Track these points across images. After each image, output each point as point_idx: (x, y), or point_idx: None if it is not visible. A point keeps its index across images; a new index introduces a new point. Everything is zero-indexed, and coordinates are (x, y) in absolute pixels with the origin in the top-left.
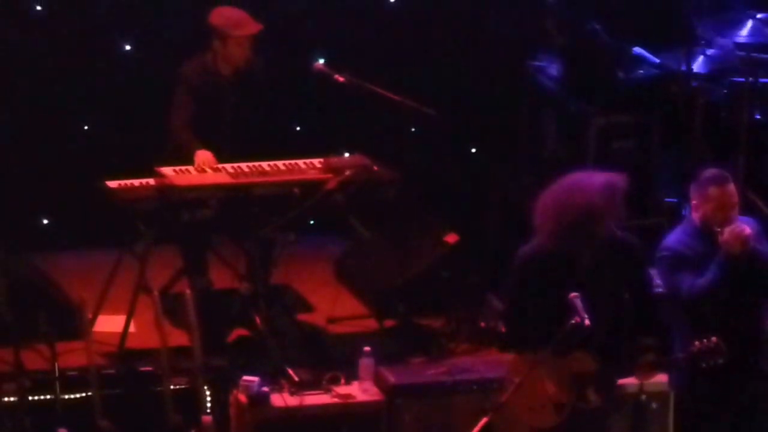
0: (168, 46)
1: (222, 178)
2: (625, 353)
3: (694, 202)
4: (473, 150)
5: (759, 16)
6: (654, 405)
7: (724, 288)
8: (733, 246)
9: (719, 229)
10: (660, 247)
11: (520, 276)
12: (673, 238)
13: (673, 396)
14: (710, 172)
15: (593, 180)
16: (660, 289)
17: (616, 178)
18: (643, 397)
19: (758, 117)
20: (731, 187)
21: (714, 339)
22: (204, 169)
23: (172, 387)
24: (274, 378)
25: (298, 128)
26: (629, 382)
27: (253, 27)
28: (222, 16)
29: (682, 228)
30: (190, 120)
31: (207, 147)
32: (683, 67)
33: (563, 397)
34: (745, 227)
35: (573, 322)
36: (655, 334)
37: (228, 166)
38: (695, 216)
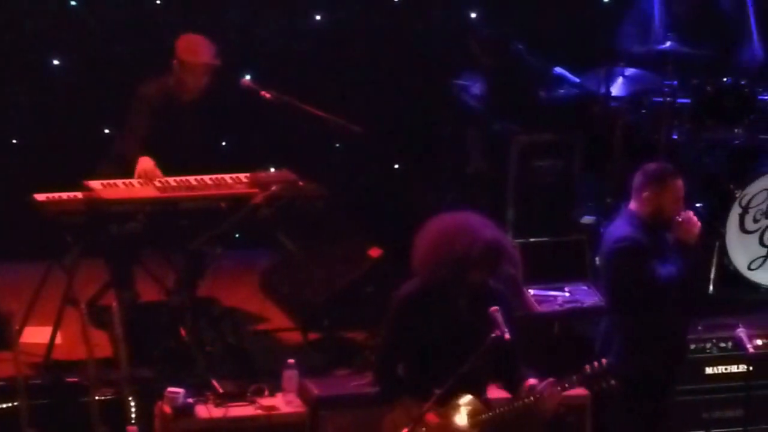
0: (96, 60)
1: (149, 192)
2: (513, 389)
3: (645, 194)
4: (397, 166)
5: (627, 73)
6: (570, 418)
7: (692, 277)
8: (687, 232)
9: (679, 219)
10: (615, 239)
11: (399, 317)
12: (625, 229)
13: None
14: (661, 165)
15: (484, 231)
16: (599, 303)
17: (506, 242)
18: (561, 409)
19: (675, 137)
20: (681, 181)
21: (604, 361)
22: (146, 178)
23: (98, 398)
24: (199, 389)
25: (224, 143)
26: None
27: (207, 57)
28: (184, 41)
29: (626, 220)
30: (144, 138)
31: (164, 165)
32: (602, 88)
33: None
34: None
35: (493, 335)
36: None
37: (156, 180)
38: (643, 208)
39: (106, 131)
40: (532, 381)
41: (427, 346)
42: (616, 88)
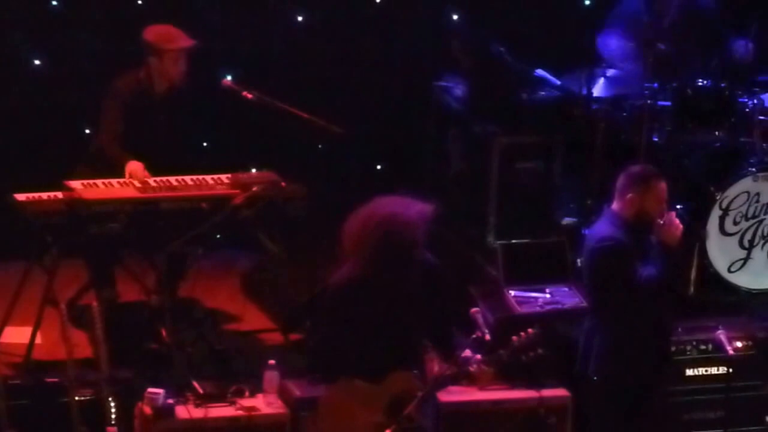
0: (78, 61)
1: (130, 192)
2: (448, 355)
3: (629, 195)
4: (379, 167)
5: (609, 73)
6: (552, 419)
7: (672, 278)
8: (669, 234)
9: (661, 221)
10: (597, 238)
11: (333, 307)
12: (608, 229)
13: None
14: (644, 167)
15: (416, 208)
16: (580, 304)
17: (429, 208)
18: (542, 410)
19: (656, 139)
20: (664, 183)
21: (531, 330)
22: (132, 181)
23: (77, 398)
24: (179, 390)
25: (205, 144)
26: (528, 395)
27: (185, 41)
28: (155, 32)
29: (609, 221)
30: (120, 134)
31: (140, 159)
32: (584, 90)
33: (386, 422)
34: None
35: (474, 336)
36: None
37: (136, 180)
38: (627, 210)
39: (87, 131)
40: (467, 353)
41: (367, 328)
42: (597, 90)
